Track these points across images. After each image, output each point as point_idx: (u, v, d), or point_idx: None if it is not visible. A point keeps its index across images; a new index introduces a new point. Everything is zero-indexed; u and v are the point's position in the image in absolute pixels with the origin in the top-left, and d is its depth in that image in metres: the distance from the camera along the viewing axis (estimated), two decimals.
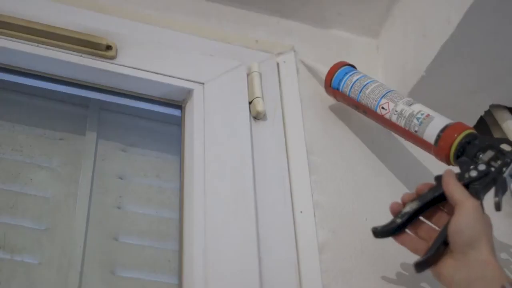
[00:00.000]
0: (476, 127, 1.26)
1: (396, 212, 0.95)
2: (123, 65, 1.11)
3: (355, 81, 1.15)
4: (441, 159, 1.01)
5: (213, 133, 1.09)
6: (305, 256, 1.02)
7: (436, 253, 0.89)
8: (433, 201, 0.94)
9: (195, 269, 0.94)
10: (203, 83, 1.15)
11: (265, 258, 0.98)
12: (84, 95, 1.16)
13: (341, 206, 1.11)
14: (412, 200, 0.95)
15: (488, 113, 1.29)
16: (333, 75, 1.18)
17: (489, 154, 0.95)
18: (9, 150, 1.08)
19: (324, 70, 1.21)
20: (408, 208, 0.94)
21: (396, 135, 1.15)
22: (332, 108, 1.24)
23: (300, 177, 1.11)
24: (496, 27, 1.12)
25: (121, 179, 1.12)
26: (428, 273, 1.02)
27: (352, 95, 1.14)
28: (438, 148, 1.00)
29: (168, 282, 1.02)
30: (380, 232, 0.95)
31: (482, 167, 0.93)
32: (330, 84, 1.19)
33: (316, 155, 1.15)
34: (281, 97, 1.20)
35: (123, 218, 1.07)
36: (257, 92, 1.16)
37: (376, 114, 1.11)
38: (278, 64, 1.26)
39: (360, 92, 1.13)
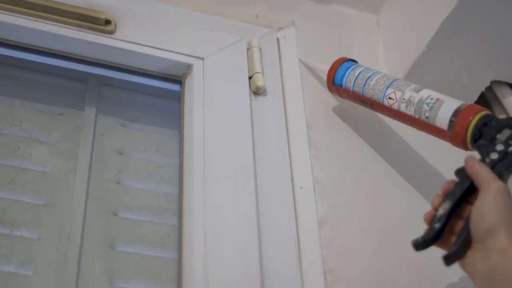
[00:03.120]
0: (476, 103, 1.25)
1: (431, 219, 0.87)
2: (122, 40, 1.11)
3: (358, 75, 1.10)
4: (457, 145, 0.96)
5: (213, 108, 1.09)
6: (305, 231, 1.02)
7: (463, 244, 0.84)
8: (463, 196, 0.88)
9: (195, 244, 0.94)
10: (203, 58, 1.14)
11: (265, 234, 0.98)
12: (83, 70, 1.15)
13: (340, 181, 1.11)
14: (443, 202, 0.88)
15: (489, 89, 1.29)
16: (334, 72, 1.14)
17: (506, 133, 0.89)
18: (8, 125, 1.07)
19: (324, 69, 1.17)
20: (442, 210, 0.87)
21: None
22: None
23: (300, 152, 1.11)
24: (497, 3, 1.12)
25: (121, 154, 1.11)
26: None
27: (356, 89, 1.09)
28: (453, 133, 0.94)
29: (167, 257, 1.02)
30: (421, 243, 0.86)
31: (500, 147, 0.88)
32: (333, 81, 1.14)
33: (316, 130, 1.15)
34: (281, 72, 1.20)
35: (123, 193, 1.07)
36: (257, 67, 1.16)
37: (384, 106, 1.05)
38: (278, 39, 1.25)
39: (364, 85, 1.08)
